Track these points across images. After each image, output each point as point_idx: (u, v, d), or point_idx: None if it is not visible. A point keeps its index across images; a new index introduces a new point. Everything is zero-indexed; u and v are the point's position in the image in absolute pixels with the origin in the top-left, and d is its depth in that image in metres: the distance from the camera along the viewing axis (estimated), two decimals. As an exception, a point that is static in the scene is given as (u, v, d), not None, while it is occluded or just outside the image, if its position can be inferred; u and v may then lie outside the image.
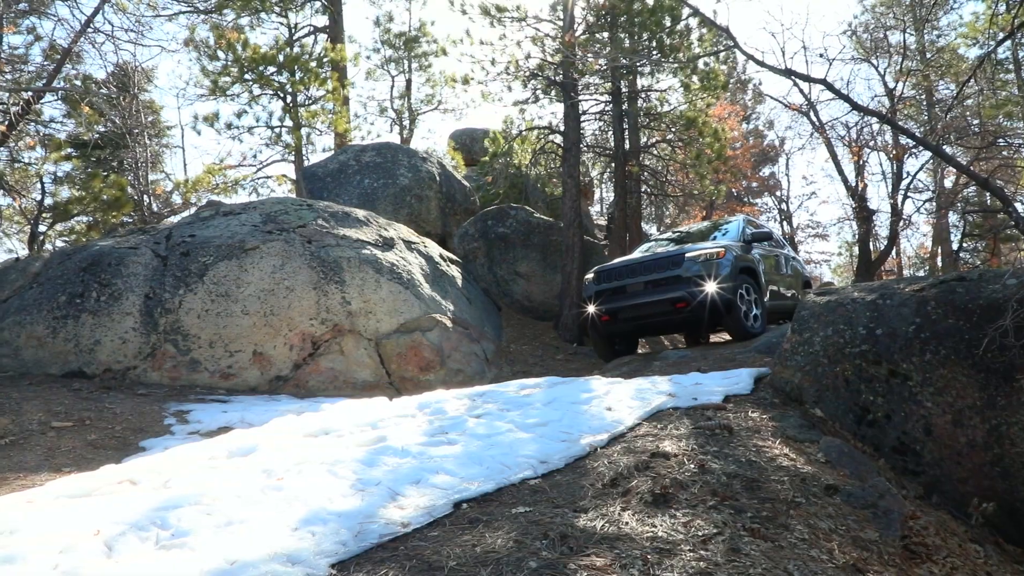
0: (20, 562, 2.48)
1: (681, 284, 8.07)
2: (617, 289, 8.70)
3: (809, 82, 7.09)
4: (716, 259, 8.14)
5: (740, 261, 8.52)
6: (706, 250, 8.27)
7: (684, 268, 8.14)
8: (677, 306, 8.06)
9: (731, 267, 8.19)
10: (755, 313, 8.50)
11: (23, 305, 7.59)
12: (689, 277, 8.04)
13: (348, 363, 8.15)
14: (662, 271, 8.35)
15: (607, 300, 8.75)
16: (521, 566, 2.27)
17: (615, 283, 8.74)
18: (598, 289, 8.90)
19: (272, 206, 9.70)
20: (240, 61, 16.47)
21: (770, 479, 3.26)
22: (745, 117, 29.20)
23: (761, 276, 8.98)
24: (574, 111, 13.80)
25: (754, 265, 8.87)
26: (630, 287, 8.58)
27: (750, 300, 8.46)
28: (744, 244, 9.08)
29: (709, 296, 7.84)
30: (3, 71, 11.57)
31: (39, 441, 5.05)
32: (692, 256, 8.23)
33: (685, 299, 7.98)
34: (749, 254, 8.97)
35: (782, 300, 9.81)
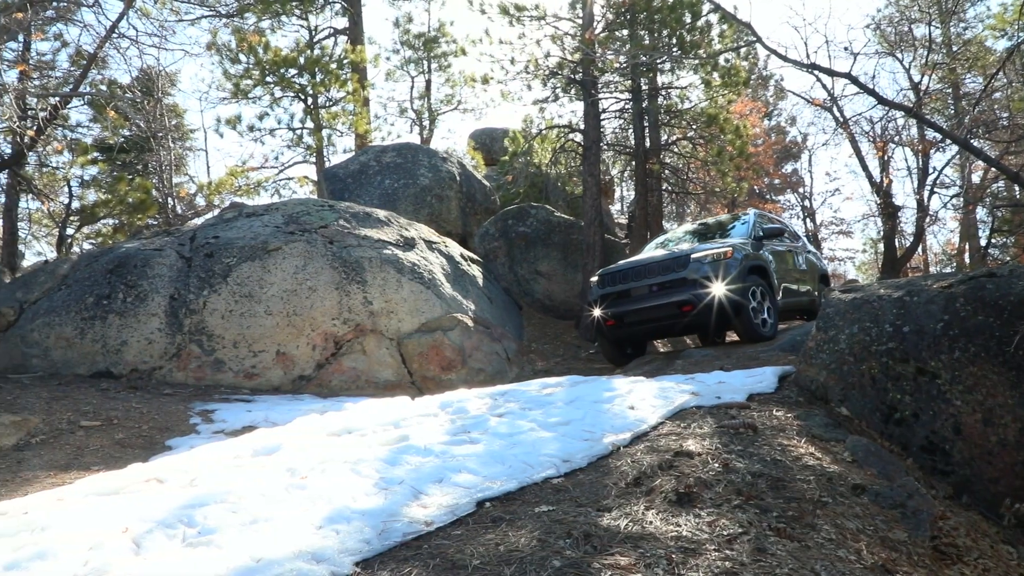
0: (51, 559, 2.52)
1: (687, 287, 7.81)
2: (622, 293, 8.45)
3: (833, 76, 7.00)
4: (723, 260, 7.83)
5: (750, 260, 8.22)
6: (713, 250, 7.98)
7: (690, 270, 7.87)
8: (683, 309, 7.81)
9: (739, 267, 7.88)
10: (766, 315, 8.19)
11: (52, 307, 7.72)
12: (695, 279, 7.77)
13: (370, 363, 8.19)
14: (667, 273, 8.09)
15: (612, 304, 8.50)
16: (545, 565, 2.26)
17: (620, 286, 8.49)
18: (602, 293, 8.66)
19: (294, 207, 9.77)
20: (261, 64, 16.65)
21: (796, 478, 3.22)
22: (767, 113, 28.94)
23: (773, 275, 8.64)
24: (594, 109, 13.76)
25: (765, 264, 8.56)
26: (635, 290, 8.33)
27: (761, 301, 8.14)
28: (755, 241, 8.78)
29: (716, 298, 7.58)
30: (31, 77, 11.77)
31: (68, 440, 5.13)
32: (698, 257, 7.95)
33: (691, 302, 7.72)
34: (760, 252, 8.65)
35: (797, 296, 9.50)
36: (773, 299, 8.44)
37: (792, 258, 9.76)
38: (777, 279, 8.77)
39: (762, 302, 8.15)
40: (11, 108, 9.08)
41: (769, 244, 9.05)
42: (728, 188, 15.65)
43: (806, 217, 30.00)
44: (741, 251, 8.12)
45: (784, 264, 9.31)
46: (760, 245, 8.78)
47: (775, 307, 8.45)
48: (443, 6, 45.54)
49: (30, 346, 7.45)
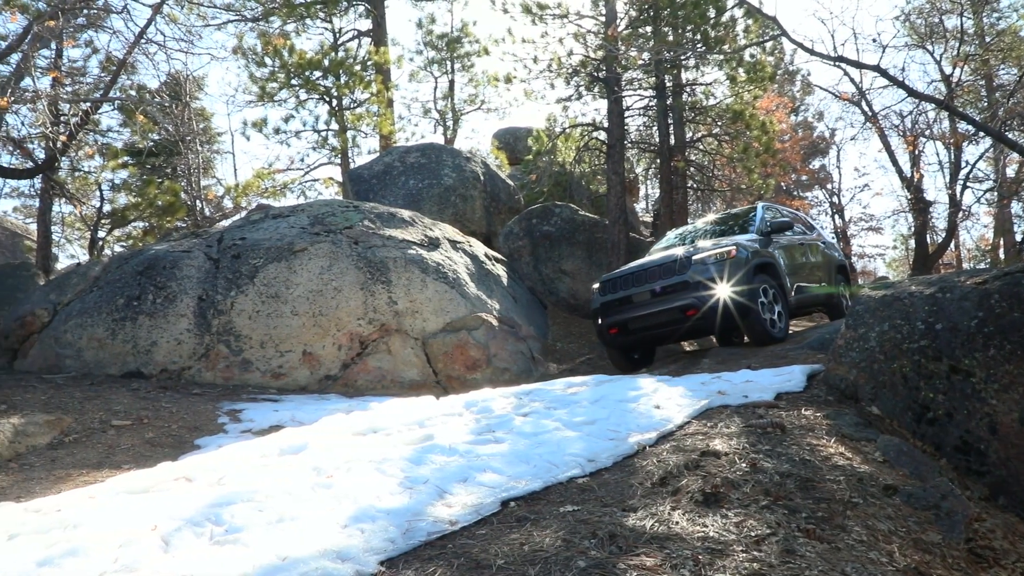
0: (82, 555, 2.56)
1: (689, 290, 7.50)
2: (623, 300, 8.14)
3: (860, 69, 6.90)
4: (727, 260, 7.51)
5: (756, 258, 7.86)
6: (715, 251, 7.64)
7: (691, 273, 7.56)
8: (687, 314, 7.48)
9: (745, 267, 7.56)
10: (776, 315, 7.80)
11: (84, 308, 7.86)
12: (698, 281, 7.46)
13: (395, 362, 8.23)
14: (668, 277, 7.76)
15: (614, 312, 8.21)
16: (569, 565, 2.24)
17: (620, 293, 8.18)
18: (604, 301, 8.38)
19: (319, 208, 9.85)
20: (287, 67, 16.81)
21: (825, 479, 3.16)
22: (794, 109, 28.57)
23: (782, 272, 8.25)
24: (618, 107, 13.69)
25: (773, 260, 8.17)
26: (636, 297, 8.01)
27: (770, 301, 7.76)
28: (763, 237, 8.42)
29: (721, 301, 7.28)
30: (63, 83, 12.00)
31: (100, 439, 5.21)
32: (700, 259, 7.62)
33: (694, 306, 7.41)
34: (768, 248, 8.27)
35: (811, 292, 9.07)
36: (783, 298, 8.09)
37: (805, 251, 9.34)
38: (788, 275, 8.41)
39: (771, 302, 7.79)
40: (44, 114, 9.27)
41: (778, 238, 8.69)
42: (754, 185, 15.46)
43: (834, 213, 29.57)
44: (746, 249, 7.80)
45: (796, 258, 8.93)
46: (768, 241, 8.44)
47: (786, 306, 8.11)
48: (466, 6, 45.65)
49: (63, 347, 7.60)
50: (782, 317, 7.88)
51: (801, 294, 8.68)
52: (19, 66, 9.47)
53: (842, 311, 9.72)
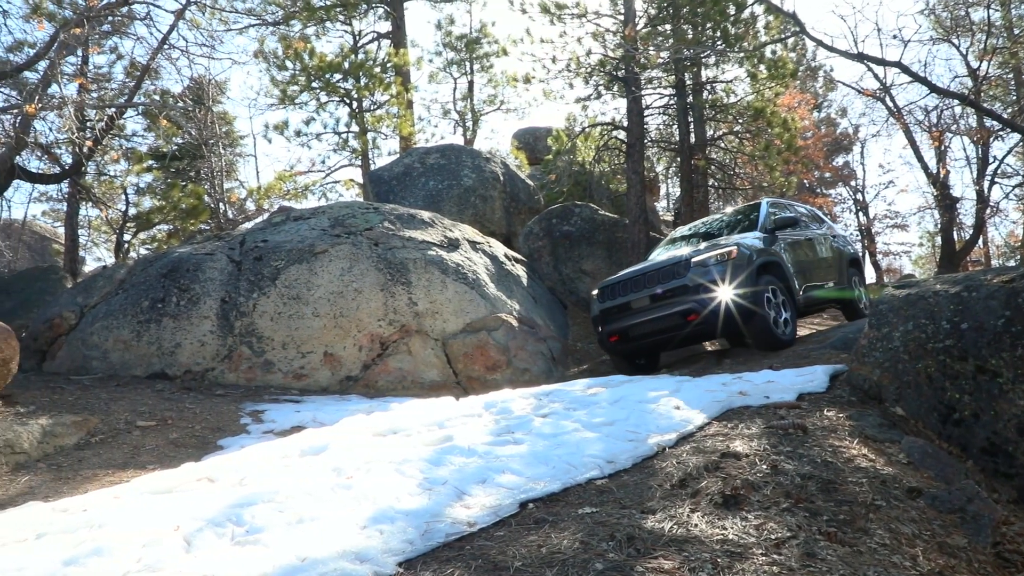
0: (107, 555, 2.61)
1: (689, 294, 7.22)
2: (622, 306, 7.88)
3: (883, 65, 6.80)
4: (728, 261, 7.20)
5: (760, 257, 7.54)
6: (715, 252, 7.34)
7: (691, 276, 7.28)
8: (688, 319, 7.21)
9: (747, 268, 7.24)
10: (783, 318, 7.48)
11: (110, 310, 7.98)
12: (697, 285, 7.18)
13: (416, 363, 8.26)
14: (667, 281, 7.49)
15: (614, 319, 7.97)
16: (587, 568, 2.24)
17: (619, 299, 7.93)
18: (603, 308, 8.15)
19: (340, 210, 9.91)
20: (307, 70, 16.95)
21: (848, 481, 3.13)
22: (816, 105, 28.23)
23: (789, 272, 7.92)
24: (637, 106, 13.63)
25: (778, 259, 7.83)
26: (635, 303, 7.75)
27: (776, 303, 7.44)
28: (767, 235, 8.05)
29: (723, 304, 7.00)
30: (89, 89, 12.20)
31: (126, 439, 5.29)
32: (699, 261, 7.33)
33: (695, 311, 7.14)
34: (773, 246, 7.92)
35: (822, 289, 8.74)
36: (791, 299, 7.77)
37: (813, 247, 8.96)
38: (795, 273, 8.08)
39: (777, 304, 7.48)
40: (71, 120, 9.42)
41: (784, 235, 8.32)
42: (776, 183, 15.31)
43: (858, 211, 29.19)
44: (749, 248, 7.49)
45: (804, 255, 8.57)
46: (774, 239, 8.07)
47: (793, 308, 7.77)
48: (484, 7, 45.79)
49: (90, 348, 7.72)
50: (789, 320, 7.57)
51: (810, 293, 8.36)
52: (46, 73, 9.63)
53: (856, 308, 9.54)
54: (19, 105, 9.19)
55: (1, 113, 9.62)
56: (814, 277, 8.58)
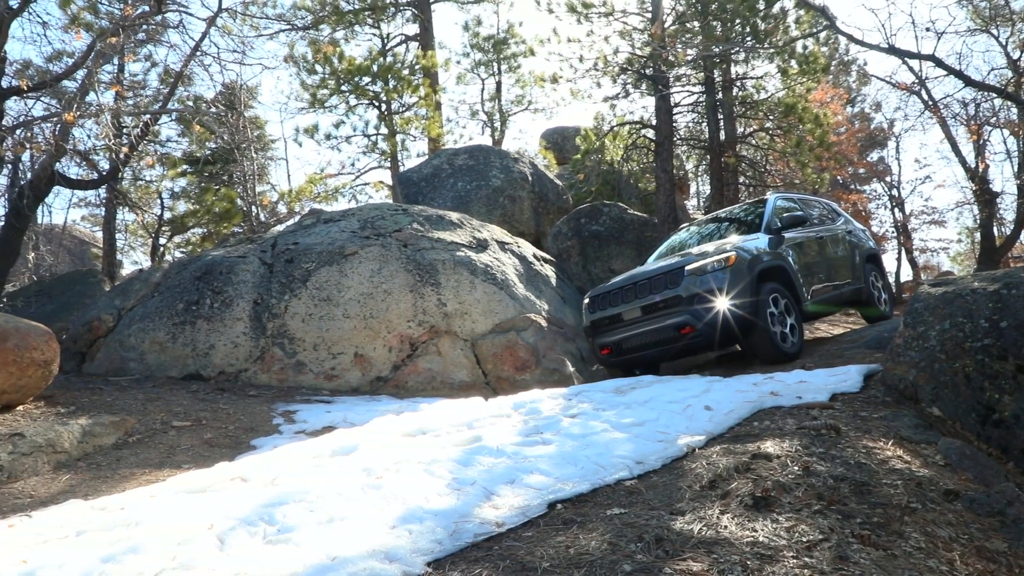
0: (143, 553, 2.66)
1: (683, 306, 6.76)
2: (613, 318, 7.46)
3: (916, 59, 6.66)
4: (725, 268, 6.69)
5: (762, 262, 7.03)
6: (711, 259, 6.83)
7: (684, 287, 6.79)
8: (682, 332, 6.78)
9: (748, 275, 6.75)
10: (788, 328, 6.99)
11: (146, 313, 8.15)
12: (691, 296, 6.72)
13: (445, 364, 8.29)
14: (659, 291, 7.02)
15: (605, 331, 7.58)
16: (615, 569, 2.23)
17: (610, 311, 7.50)
18: (593, 319, 7.77)
19: (369, 212, 10.00)
20: (336, 73, 17.13)
21: (882, 483, 3.07)
22: (849, 100, 27.75)
23: (795, 276, 7.36)
24: (665, 104, 13.54)
25: (784, 264, 7.28)
26: (626, 314, 7.31)
27: (780, 312, 6.94)
28: (773, 236, 7.51)
29: (720, 316, 6.54)
30: (125, 97, 12.47)
31: (161, 439, 5.40)
32: (693, 269, 6.83)
33: (689, 324, 6.70)
34: (778, 248, 7.40)
35: (836, 290, 8.19)
36: (797, 307, 7.24)
37: (825, 245, 8.37)
38: (803, 277, 7.55)
39: (782, 313, 6.97)
40: (108, 127, 9.63)
41: (792, 235, 7.77)
42: (808, 179, 15.09)
43: (894, 207, 28.58)
44: (750, 253, 7.00)
45: (814, 255, 8.03)
46: (779, 240, 7.55)
47: (799, 315, 7.28)
48: (511, 8, 45.74)
49: (127, 350, 7.89)
50: (795, 329, 7.10)
51: (820, 296, 7.83)
52: (84, 82, 9.86)
53: (875, 306, 9.01)
54: (58, 113, 9.42)
55: (41, 121, 9.87)
56: (825, 278, 8.06)
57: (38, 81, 10.61)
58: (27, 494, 4.24)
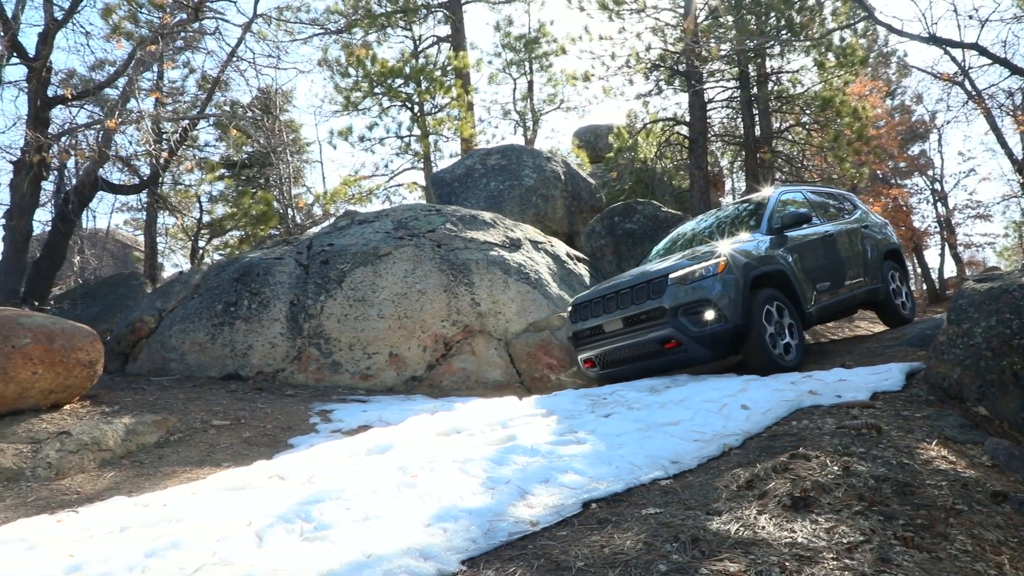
0: (184, 548, 2.72)
1: (666, 318, 6.15)
2: (594, 329, 6.91)
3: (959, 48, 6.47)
4: (714, 275, 6.10)
5: (757, 267, 6.42)
6: (698, 266, 6.21)
7: (668, 296, 6.17)
8: (667, 346, 6.23)
9: (739, 282, 6.14)
10: (788, 338, 6.40)
11: (186, 314, 8.31)
12: (676, 307, 6.11)
13: (479, 363, 8.31)
14: (641, 302, 6.41)
15: (586, 343, 7.05)
16: (650, 569, 2.21)
17: (591, 321, 6.93)
18: (575, 330, 7.22)
19: (402, 213, 10.07)
20: (369, 76, 17.29)
21: (925, 483, 2.99)
22: (889, 92, 27.11)
23: (796, 280, 6.72)
24: (699, 100, 13.40)
25: (783, 267, 6.66)
26: (607, 326, 6.74)
27: (777, 320, 6.36)
28: (774, 236, 6.88)
29: (708, 328, 6.00)
30: (165, 103, 12.74)
31: (202, 438, 5.50)
32: (678, 277, 6.21)
33: (673, 337, 6.13)
34: (779, 249, 6.78)
35: (849, 292, 7.52)
36: (798, 314, 6.65)
37: (835, 243, 7.60)
38: (809, 280, 6.93)
39: (779, 321, 6.39)
40: (148, 133, 9.86)
41: (796, 234, 7.10)
42: (847, 174, 14.81)
43: (936, 201, 27.89)
44: (744, 257, 6.38)
45: (821, 255, 7.31)
46: (781, 240, 6.91)
47: (800, 323, 6.66)
48: (543, 7, 45.76)
49: (168, 351, 8.06)
50: (795, 337, 6.49)
51: (827, 300, 7.18)
52: (125, 89, 10.11)
53: (893, 309, 8.24)
54: (101, 121, 9.69)
55: (85, 128, 10.16)
56: (835, 280, 7.38)
57: (82, 89, 10.90)
58: (74, 490, 4.36)
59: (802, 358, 6.50)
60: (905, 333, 7.07)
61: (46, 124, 10.10)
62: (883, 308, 8.30)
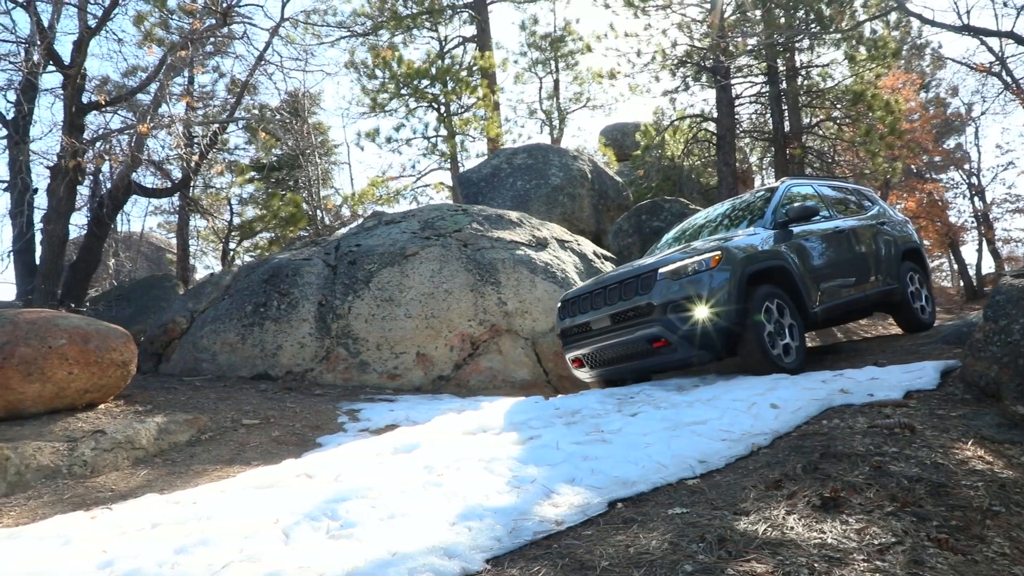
0: (212, 545, 2.76)
1: (655, 315, 5.74)
2: (582, 326, 6.52)
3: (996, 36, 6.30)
4: (707, 271, 5.69)
5: (755, 262, 5.98)
6: (690, 260, 5.79)
7: (657, 292, 5.77)
8: (655, 345, 5.82)
9: (735, 278, 5.72)
10: (789, 339, 5.97)
11: (217, 315, 8.43)
12: (665, 303, 5.70)
13: (506, 362, 8.31)
14: (628, 298, 6.01)
15: (574, 341, 6.65)
16: (675, 569, 2.18)
17: (579, 318, 6.53)
18: (563, 327, 6.83)
19: (429, 213, 10.11)
20: (396, 77, 17.39)
21: (961, 484, 2.92)
22: (923, 85, 26.59)
23: (799, 277, 6.27)
24: (727, 95, 13.26)
25: (784, 263, 6.21)
26: (595, 323, 6.35)
27: (777, 320, 5.93)
28: (778, 230, 6.44)
29: (699, 326, 5.57)
30: (195, 108, 12.96)
31: (232, 437, 5.58)
32: (668, 272, 5.80)
33: (662, 336, 5.72)
34: (783, 244, 6.33)
35: (859, 291, 6.99)
36: (799, 313, 6.21)
37: (846, 240, 7.13)
38: (813, 278, 6.46)
39: (779, 320, 5.95)
40: (179, 137, 10.03)
41: (802, 228, 6.65)
42: (879, 169, 14.53)
43: (973, 195, 27.32)
44: (741, 252, 5.95)
45: (830, 252, 6.85)
46: (786, 235, 6.45)
47: (801, 323, 6.21)
48: (568, 5, 45.62)
49: (200, 351, 8.18)
50: (796, 338, 6.06)
51: (834, 300, 6.67)
52: (157, 94, 10.30)
53: (912, 313, 7.64)
54: (133, 126, 9.86)
55: (118, 134, 10.36)
56: (844, 279, 6.89)
57: (115, 95, 11.12)
58: (108, 488, 4.44)
59: (803, 360, 6.08)
60: (940, 330, 6.92)
61: (81, 130, 10.32)
62: (899, 311, 7.74)
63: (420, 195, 21.46)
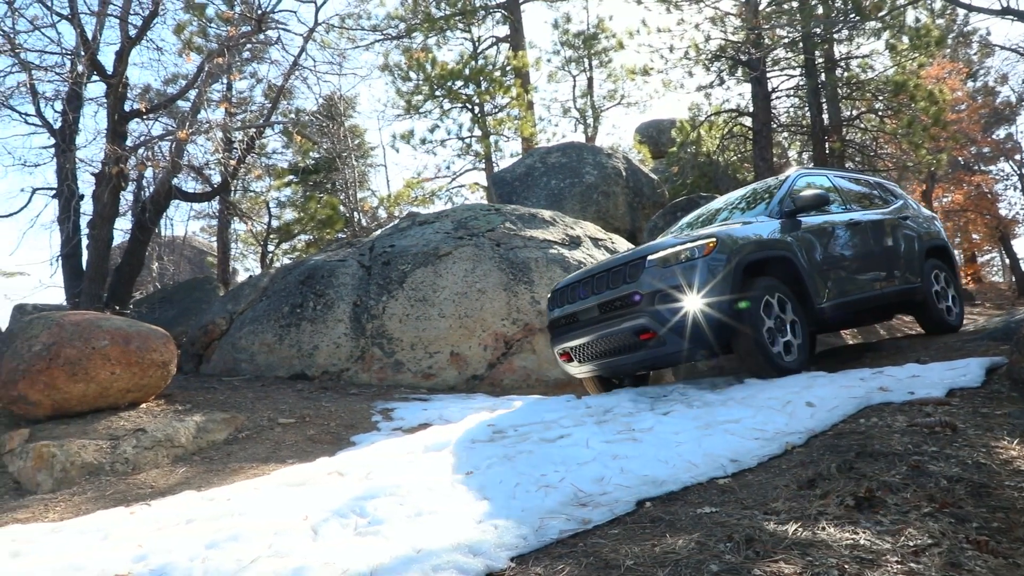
0: (242, 540, 2.81)
1: (642, 305, 5.33)
2: (569, 317, 6.10)
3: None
4: (699, 259, 5.29)
5: (753, 252, 5.57)
6: (683, 247, 5.39)
7: (645, 280, 5.35)
8: (642, 338, 5.39)
9: (730, 267, 5.31)
10: (788, 337, 5.59)
11: (255, 316, 8.58)
12: (653, 292, 5.29)
13: (540, 361, 8.29)
14: (615, 287, 5.59)
15: (562, 333, 6.24)
16: (701, 569, 2.14)
17: (568, 308, 6.13)
18: (552, 318, 6.44)
19: (462, 213, 10.14)
20: (430, 79, 17.51)
21: (1004, 485, 2.81)
22: (970, 74, 25.82)
23: (806, 272, 5.83)
24: (763, 89, 13.06)
25: (787, 254, 5.78)
26: (582, 314, 5.94)
27: (779, 315, 5.56)
28: (784, 220, 6.05)
29: (690, 319, 5.16)
30: (233, 113, 13.20)
31: (268, 435, 5.67)
32: (657, 259, 5.40)
33: (649, 328, 5.30)
34: (789, 234, 5.92)
35: (875, 288, 6.56)
36: (803, 309, 5.80)
37: (863, 233, 6.67)
38: (822, 272, 6.03)
39: (780, 316, 5.56)
40: (218, 143, 10.23)
41: (813, 219, 6.24)
42: (923, 161, 14.14)
43: (1024, 187, 26.43)
44: (738, 240, 5.55)
45: (842, 246, 6.41)
46: (793, 225, 6.04)
47: (805, 322, 5.78)
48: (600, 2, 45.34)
49: (239, 352, 8.34)
50: (798, 336, 5.67)
51: (844, 297, 6.21)
52: (195, 101, 10.53)
53: (937, 314, 7.19)
54: (174, 132, 10.09)
55: (159, 140, 10.61)
56: (858, 274, 6.45)
57: (156, 103, 11.40)
58: (148, 484, 4.55)
59: (807, 360, 5.70)
60: (986, 327, 6.70)
61: (123, 137, 10.60)
62: (922, 311, 7.25)
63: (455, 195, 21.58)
